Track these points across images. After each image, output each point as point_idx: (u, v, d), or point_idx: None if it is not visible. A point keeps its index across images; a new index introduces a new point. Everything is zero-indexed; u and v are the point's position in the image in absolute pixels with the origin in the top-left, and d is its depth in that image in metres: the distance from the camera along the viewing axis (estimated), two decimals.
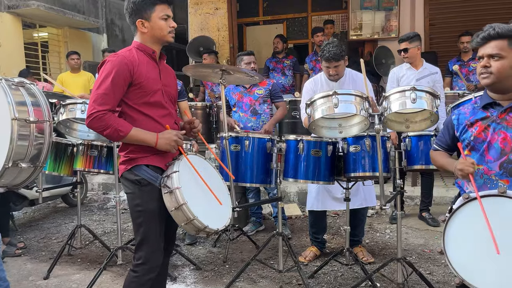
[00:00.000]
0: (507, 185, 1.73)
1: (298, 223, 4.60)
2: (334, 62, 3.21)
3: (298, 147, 2.86)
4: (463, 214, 1.67)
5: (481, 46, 1.79)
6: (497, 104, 1.79)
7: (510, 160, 1.75)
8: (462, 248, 1.67)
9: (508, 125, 1.76)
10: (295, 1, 8.30)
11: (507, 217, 1.60)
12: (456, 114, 1.89)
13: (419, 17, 6.93)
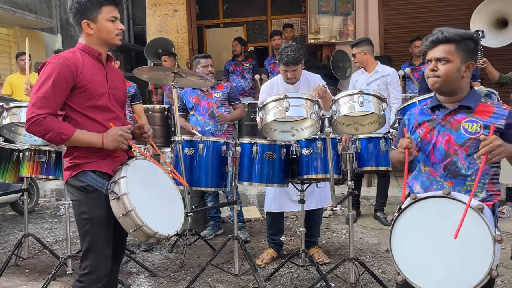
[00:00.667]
0: (451, 186, 1.78)
1: (257, 225, 4.61)
2: (292, 66, 3.24)
3: (252, 150, 2.87)
4: (410, 214, 1.71)
5: (430, 50, 1.82)
6: (443, 107, 1.84)
7: (454, 162, 1.79)
8: (408, 247, 1.71)
9: (452, 128, 1.80)
10: (255, 5, 8.35)
11: (451, 218, 1.62)
12: (408, 115, 1.95)
13: (373, 22, 7.14)
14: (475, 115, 1.79)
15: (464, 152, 1.78)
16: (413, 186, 1.90)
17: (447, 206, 1.65)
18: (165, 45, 6.99)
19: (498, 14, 5.53)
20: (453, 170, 1.80)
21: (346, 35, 7.20)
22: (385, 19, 7.23)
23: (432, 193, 1.73)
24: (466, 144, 1.78)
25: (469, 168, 1.78)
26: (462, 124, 1.79)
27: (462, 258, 1.60)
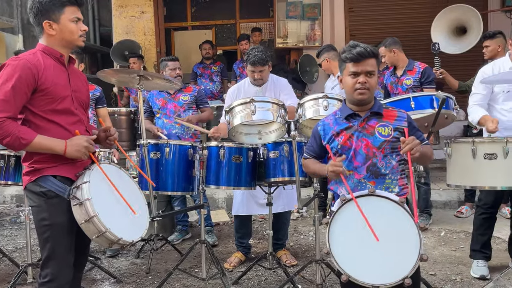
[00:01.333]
0: (374, 185, 1.94)
1: (226, 229, 4.60)
2: (259, 67, 3.27)
3: (220, 154, 2.86)
4: (343, 215, 1.79)
5: (357, 62, 1.93)
6: (357, 115, 2.00)
7: (374, 163, 1.96)
8: (346, 246, 1.78)
9: (368, 133, 1.98)
10: (224, 8, 8.35)
11: (379, 213, 1.78)
12: (321, 125, 2.06)
13: (340, 27, 7.29)
14: (384, 120, 1.99)
15: (381, 154, 1.97)
16: (337, 190, 2.01)
17: (374, 203, 1.80)
18: (132, 47, 6.89)
19: (457, 22, 5.76)
20: (375, 171, 1.97)
21: (314, 40, 7.32)
22: (351, 24, 7.41)
23: (358, 192, 1.85)
24: (382, 147, 1.97)
25: (386, 168, 1.97)
26: (376, 128, 1.97)
27: (395, 248, 1.75)
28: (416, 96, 2.46)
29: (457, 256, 3.57)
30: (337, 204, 1.85)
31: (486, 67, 3.17)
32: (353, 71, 1.93)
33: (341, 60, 2.00)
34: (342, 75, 2.03)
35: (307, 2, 7.22)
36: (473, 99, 3.13)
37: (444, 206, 4.83)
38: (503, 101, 3.05)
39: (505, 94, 3.03)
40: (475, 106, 3.08)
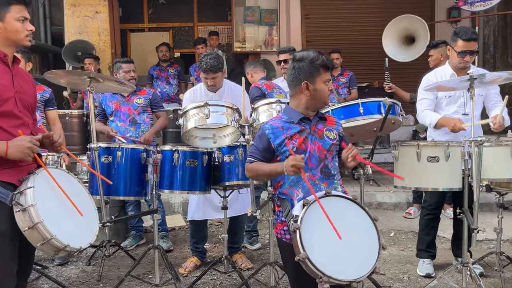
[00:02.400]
0: (327, 186, 2.02)
1: (181, 234, 4.55)
2: (212, 74, 3.27)
3: (174, 158, 2.84)
4: (311, 218, 1.81)
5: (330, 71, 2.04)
6: (307, 119, 2.06)
7: (326, 165, 2.04)
8: (320, 248, 1.80)
9: (318, 136, 2.05)
10: (181, 11, 8.29)
11: (340, 211, 1.86)
12: (269, 129, 2.04)
13: (296, 34, 7.43)
14: (328, 124, 2.10)
15: (330, 156, 2.06)
16: (293, 193, 2.03)
17: (334, 203, 1.89)
18: (85, 47, 6.68)
19: (406, 31, 6.03)
20: (327, 172, 2.05)
21: (271, 45, 7.41)
22: (307, 31, 7.57)
23: (318, 194, 1.89)
24: (330, 149, 2.06)
25: (334, 169, 2.07)
26: (324, 132, 2.06)
27: (360, 243, 1.84)
28: (364, 102, 2.55)
29: (405, 255, 3.73)
30: (299, 207, 1.86)
31: (430, 74, 3.34)
32: (329, 79, 2.02)
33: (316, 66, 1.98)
34: (311, 82, 2.00)
35: (264, 7, 7.30)
36: (423, 105, 3.25)
37: (394, 207, 5.02)
38: (445, 105, 3.23)
39: (447, 99, 3.21)
40: (427, 111, 3.22)
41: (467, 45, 2.99)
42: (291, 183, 2.06)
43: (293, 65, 2.03)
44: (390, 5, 7.32)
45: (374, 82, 7.40)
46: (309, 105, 2.04)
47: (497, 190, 3.01)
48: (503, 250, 3.39)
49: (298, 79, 2.00)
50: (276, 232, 2.08)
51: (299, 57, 2.01)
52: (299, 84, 2.00)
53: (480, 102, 3.17)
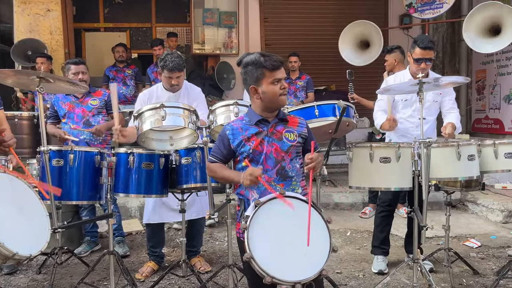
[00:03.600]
0: (283, 187, 2.04)
1: (139, 238, 4.45)
2: (177, 72, 3.22)
3: (129, 161, 2.77)
4: (259, 218, 1.82)
5: (277, 70, 2.01)
6: (266, 121, 2.08)
7: (283, 167, 2.06)
8: (267, 249, 1.80)
9: (276, 138, 2.06)
10: (139, 11, 8.12)
11: (290, 212, 1.86)
12: (229, 129, 2.08)
13: (255, 36, 7.48)
14: (289, 126, 2.11)
15: (288, 158, 2.07)
16: (249, 194, 2.06)
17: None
18: (36, 46, 6.40)
19: (361, 36, 6.23)
20: (283, 173, 2.06)
21: (230, 47, 7.42)
22: (266, 34, 7.64)
23: (271, 195, 1.91)
24: (289, 151, 2.08)
25: (292, 171, 2.08)
26: (283, 134, 2.08)
27: (311, 244, 1.80)
28: (320, 105, 2.61)
29: (361, 254, 3.83)
30: (252, 208, 1.88)
31: (390, 78, 3.49)
32: (278, 78, 2.00)
33: (259, 69, 1.99)
34: (257, 85, 2.02)
35: (223, 10, 7.30)
36: (378, 105, 3.41)
37: (350, 207, 5.16)
38: (402, 108, 3.37)
39: (403, 102, 3.35)
40: (379, 112, 3.38)
41: (423, 53, 3.13)
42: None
43: (241, 71, 2.06)
44: (346, 10, 7.54)
45: (331, 86, 7.58)
46: (263, 108, 2.05)
47: (445, 189, 3.16)
48: (451, 246, 3.57)
49: (247, 84, 2.03)
50: (237, 231, 2.10)
51: (244, 63, 2.03)
52: (249, 89, 2.04)
53: (436, 107, 3.35)
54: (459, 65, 7.51)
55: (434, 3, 6.31)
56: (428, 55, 3.15)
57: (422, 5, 6.43)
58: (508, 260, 3.34)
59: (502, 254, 3.72)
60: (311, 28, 7.65)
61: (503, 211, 4.53)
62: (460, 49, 7.39)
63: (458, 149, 2.65)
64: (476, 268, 3.34)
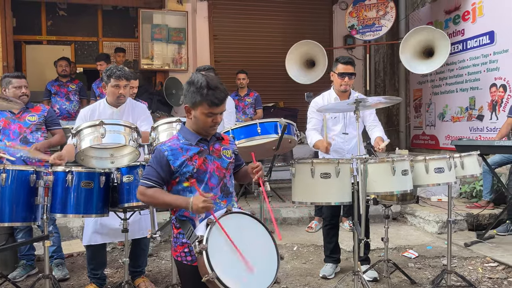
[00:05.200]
0: (225, 204, 2.05)
1: (80, 260, 4.26)
2: (124, 81, 3.17)
3: (67, 179, 2.66)
4: (214, 237, 1.82)
5: (216, 107, 1.97)
6: (205, 139, 2.09)
7: (225, 183, 2.10)
8: (228, 267, 1.81)
9: (216, 156, 2.09)
10: (85, 24, 7.93)
11: (242, 227, 1.92)
12: (167, 150, 2.01)
13: (205, 53, 7.52)
14: (224, 143, 2.16)
15: (228, 174, 2.12)
16: (195, 214, 2.02)
17: (235, 219, 1.94)
18: None
19: (307, 55, 6.45)
20: (226, 190, 2.10)
21: (180, 63, 7.40)
22: (215, 51, 7.70)
23: (219, 212, 1.93)
24: (228, 167, 2.13)
25: (231, 186, 2.14)
26: (221, 152, 2.12)
27: (261, 257, 1.90)
28: (262, 122, 2.67)
29: (307, 268, 3.90)
30: (203, 227, 1.86)
31: (318, 97, 3.68)
32: (213, 113, 1.98)
33: (197, 96, 1.95)
34: (192, 108, 2.00)
35: (172, 26, 7.29)
36: (311, 124, 3.58)
37: (297, 222, 5.25)
38: (332, 126, 3.55)
39: (333, 120, 3.56)
40: (313, 131, 3.55)
41: (345, 68, 3.44)
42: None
43: (185, 84, 2.03)
44: (293, 30, 7.78)
45: (280, 102, 7.74)
46: (195, 128, 2.05)
47: (383, 203, 3.31)
48: (391, 257, 3.74)
49: (184, 101, 2.02)
50: (176, 255, 2.03)
51: (190, 80, 2.00)
52: (184, 106, 2.03)
53: (360, 122, 3.53)
54: (399, 84, 7.95)
55: (374, 25, 6.68)
56: (350, 70, 3.45)
57: (363, 27, 6.79)
58: (442, 269, 3.53)
59: (437, 264, 3.93)
60: (260, 45, 7.82)
61: (438, 222, 4.80)
62: (399, 70, 7.84)
63: (393, 165, 2.79)
64: (413, 278, 3.50)
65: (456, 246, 4.29)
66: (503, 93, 5.70)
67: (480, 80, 6.05)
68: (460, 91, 6.47)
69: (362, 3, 6.79)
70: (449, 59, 6.18)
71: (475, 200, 5.35)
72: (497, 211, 4.89)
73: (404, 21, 7.56)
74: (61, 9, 7.95)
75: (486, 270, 3.76)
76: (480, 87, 6.07)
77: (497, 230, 4.59)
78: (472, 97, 6.22)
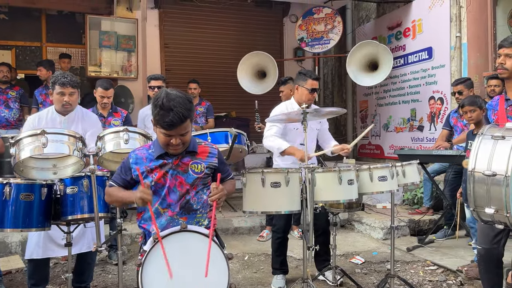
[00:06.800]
0: (186, 221, 2.00)
1: (19, 277, 4.01)
2: (70, 88, 3.06)
3: (4, 192, 2.51)
4: (156, 254, 1.78)
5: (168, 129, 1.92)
6: (169, 154, 2.03)
7: (187, 200, 2.04)
8: (160, 286, 1.77)
9: (182, 170, 2.04)
10: (27, 28, 7.56)
11: (191, 247, 1.83)
12: (133, 158, 2.03)
13: (155, 61, 7.42)
14: (198, 157, 2.09)
15: (194, 190, 2.06)
16: (150, 228, 2.02)
17: (187, 238, 1.86)
18: None
19: (258, 66, 6.55)
20: (187, 207, 2.04)
21: (129, 71, 7.25)
22: (166, 59, 7.63)
23: (170, 230, 1.87)
24: (195, 184, 2.06)
25: (198, 203, 2.07)
26: (190, 166, 2.05)
27: (208, 280, 1.82)
28: (212, 132, 2.67)
29: (257, 277, 3.92)
30: (150, 243, 1.82)
31: (279, 106, 3.67)
32: (165, 133, 1.92)
33: (154, 114, 1.92)
34: (155, 125, 1.97)
35: (122, 33, 7.14)
36: (272, 131, 3.48)
37: (249, 231, 5.26)
38: (294, 136, 3.55)
39: (296, 131, 3.53)
40: (275, 137, 3.46)
41: (315, 84, 3.51)
42: (146, 218, 2.04)
43: None
44: (245, 41, 7.87)
45: (232, 112, 7.77)
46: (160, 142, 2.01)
47: (331, 211, 3.41)
48: (340, 263, 3.84)
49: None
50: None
51: (155, 98, 1.95)
52: None
53: (315, 135, 3.63)
54: (346, 95, 8.26)
55: (322, 39, 6.92)
56: (317, 85, 3.53)
57: (312, 40, 7.00)
58: (386, 273, 3.67)
59: (382, 269, 4.09)
60: (212, 55, 7.84)
61: (383, 229, 5.00)
62: (346, 82, 8.15)
63: (339, 174, 2.88)
64: (360, 283, 3.61)
65: (399, 251, 4.49)
66: (441, 105, 6.08)
67: (420, 93, 6.43)
68: (402, 103, 6.83)
69: (311, 16, 7.01)
70: (392, 73, 6.52)
71: (417, 207, 5.64)
72: (436, 216, 5.18)
73: (351, 35, 7.89)
74: (2, 13, 7.54)
75: (427, 273, 3.96)
76: (420, 99, 6.44)
77: (436, 235, 4.86)
78: (413, 108, 6.58)
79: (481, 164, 2.11)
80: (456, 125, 4.93)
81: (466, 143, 3.90)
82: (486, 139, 2.14)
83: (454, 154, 4.27)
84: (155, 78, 4.64)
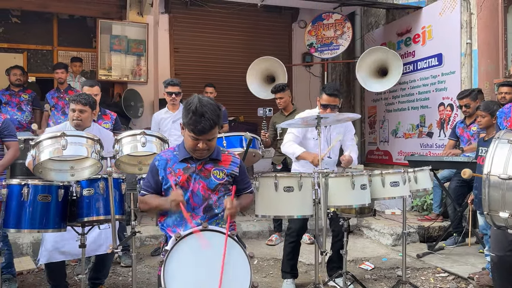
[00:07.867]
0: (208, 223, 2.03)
1: (30, 278, 4.04)
2: (80, 105, 3.25)
3: (22, 193, 2.55)
4: (178, 252, 1.81)
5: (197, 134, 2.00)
6: (193, 158, 2.09)
7: (210, 205, 2.09)
8: (184, 283, 1.78)
9: (204, 175, 2.09)
10: (39, 32, 7.65)
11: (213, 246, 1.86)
12: (158, 159, 2.09)
13: (165, 65, 7.47)
14: (220, 164, 2.15)
15: (216, 196, 2.10)
16: (176, 232, 2.03)
17: (208, 237, 1.89)
18: None
19: (267, 71, 6.59)
20: (210, 211, 2.10)
21: (139, 75, 7.30)
22: (176, 64, 7.68)
23: (192, 229, 1.91)
24: (216, 189, 2.11)
25: (219, 208, 2.12)
26: (212, 172, 2.11)
27: (231, 278, 1.84)
28: (228, 136, 2.70)
29: (267, 281, 3.92)
30: (172, 242, 1.85)
31: (302, 113, 3.65)
32: (194, 137, 1.99)
33: (185, 117, 1.99)
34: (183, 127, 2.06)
35: (132, 37, 7.20)
36: (288, 137, 3.52)
37: (257, 236, 5.27)
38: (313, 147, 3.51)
39: (315, 141, 3.48)
40: (291, 142, 3.49)
41: (328, 99, 3.40)
42: (174, 222, 2.08)
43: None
44: (254, 46, 7.91)
45: (240, 117, 7.80)
46: (186, 146, 2.07)
47: (342, 216, 3.41)
48: (349, 269, 3.83)
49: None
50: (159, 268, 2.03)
51: (187, 100, 2.02)
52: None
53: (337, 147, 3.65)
54: (354, 101, 8.26)
55: (332, 44, 6.94)
56: (334, 102, 3.41)
57: (321, 46, 7.02)
58: (397, 280, 3.67)
59: (392, 275, 4.08)
60: (220, 60, 7.88)
61: (392, 235, 4.99)
62: (354, 87, 8.15)
63: (352, 179, 2.90)
64: None
65: (409, 257, 4.48)
66: (450, 112, 6.08)
67: (429, 99, 6.42)
68: (411, 109, 6.83)
69: (321, 22, 7.04)
70: (402, 79, 6.52)
71: (426, 213, 5.62)
72: (446, 223, 5.16)
73: (360, 41, 7.91)
74: (14, 16, 7.64)
75: (437, 280, 3.95)
76: (429, 105, 6.44)
77: (446, 243, 4.84)
78: (423, 115, 6.58)
79: (497, 168, 2.11)
80: (462, 135, 4.94)
81: (477, 150, 3.90)
82: (502, 143, 2.15)
83: (465, 160, 4.26)
84: (173, 84, 4.65)
